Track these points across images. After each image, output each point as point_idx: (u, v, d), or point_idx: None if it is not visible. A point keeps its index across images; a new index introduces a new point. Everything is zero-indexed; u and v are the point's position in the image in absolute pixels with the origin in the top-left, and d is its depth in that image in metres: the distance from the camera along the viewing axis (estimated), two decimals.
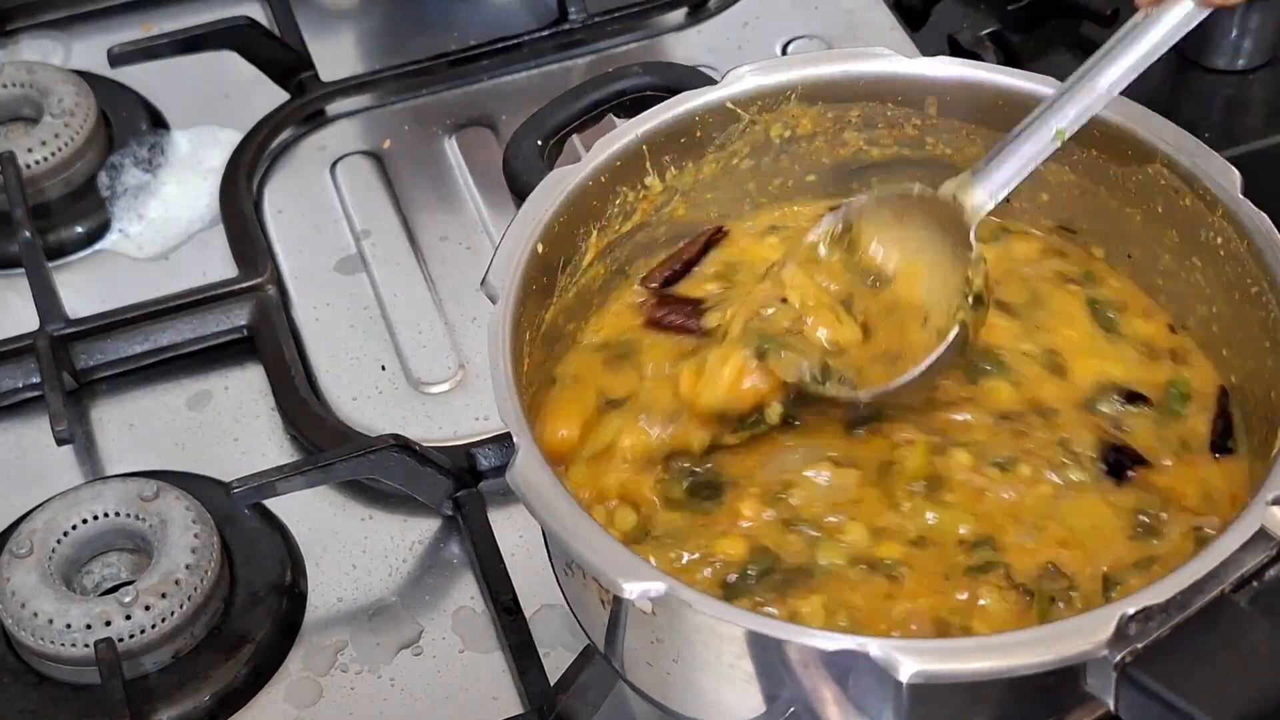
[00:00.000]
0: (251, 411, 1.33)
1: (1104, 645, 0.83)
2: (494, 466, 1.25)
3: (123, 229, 1.46)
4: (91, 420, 1.33)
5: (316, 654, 1.18)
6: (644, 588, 0.86)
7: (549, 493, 0.90)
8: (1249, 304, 1.00)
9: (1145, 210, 1.07)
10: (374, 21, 1.65)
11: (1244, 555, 0.85)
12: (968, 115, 1.10)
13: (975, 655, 0.84)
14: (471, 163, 1.49)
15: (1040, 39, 1.51)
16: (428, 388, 1.33)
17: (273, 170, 1.50)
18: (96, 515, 1.20)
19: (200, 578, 1.16)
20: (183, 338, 1.36)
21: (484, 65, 1.57)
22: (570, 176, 1.05)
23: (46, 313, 1.34)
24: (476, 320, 1.36)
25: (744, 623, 0.86)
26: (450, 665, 1.17)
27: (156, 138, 1.52)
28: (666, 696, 0.96)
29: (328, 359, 1.35)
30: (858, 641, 0.83)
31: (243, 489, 1.16)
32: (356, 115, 1.55)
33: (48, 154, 1.46)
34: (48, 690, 1.15)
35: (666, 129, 1.09)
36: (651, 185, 1.10)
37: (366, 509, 1.25)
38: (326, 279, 1.41)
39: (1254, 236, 0.99)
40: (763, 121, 1.11)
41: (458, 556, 1.23)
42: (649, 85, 1.15)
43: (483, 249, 1.41)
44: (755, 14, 1.60)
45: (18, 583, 1.15)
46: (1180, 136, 1.04)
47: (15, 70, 1.52)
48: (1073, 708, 0.90)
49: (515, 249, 1.01)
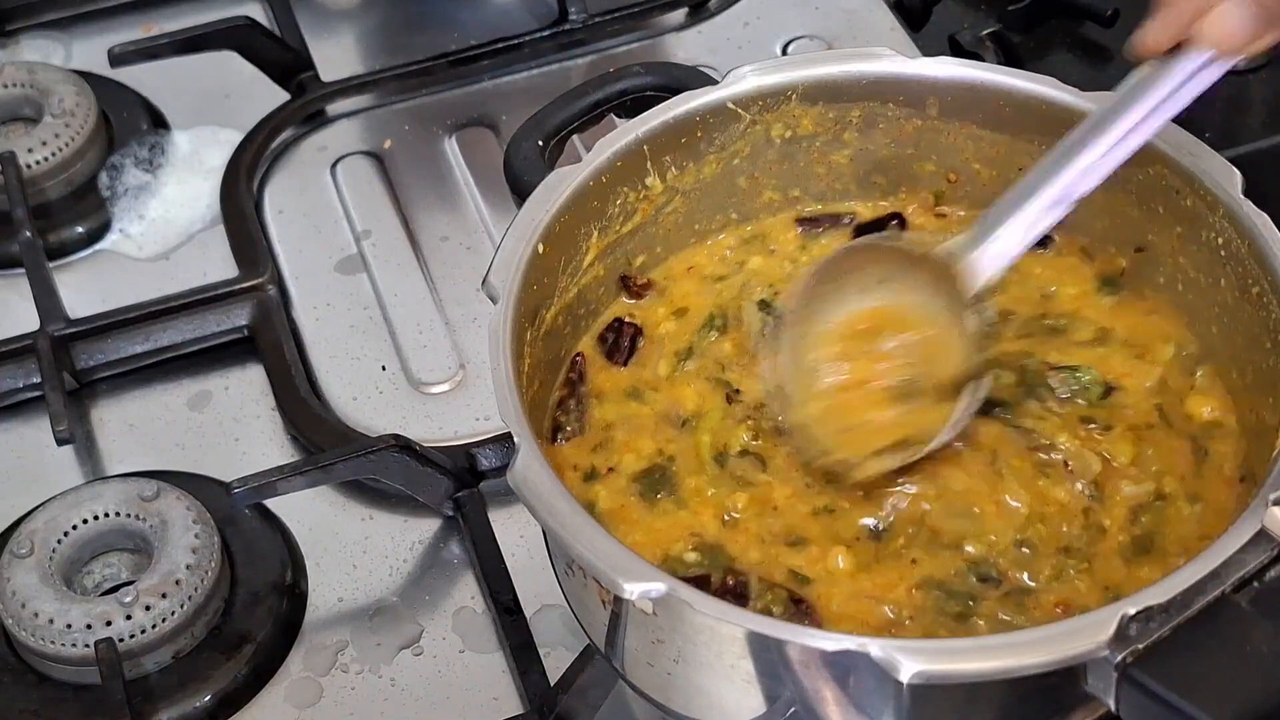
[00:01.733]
0: (252, 411, 1.33)
1: (1105, 645, 0.83)
2: (494, 467, 1.25)
3: (123, 229, 1.46)
4: (92, 420, 1.33)
5: (317, 654, 1.18)
6: (644, 588, 0.86)
7: (549, 493, 0.90)
8: (1250, 305, 1.00)
9: (1146, 210, 1.07)
10: (374, 21, 1.65)
11: (1245, 556, 0.85)
12: (969, 116, 1.10)
13: (976, 656, 0.84)
14: (472, 163, 1.49)
15: (1040, 39, 1.50)
16: (428, 388, 1.33)
17: (273, 170, 1.50)
18: (97, 515, 1.20)
19: (201, 578, 1.16)
20: (183, 338, 1.36)
21: (484, 65, 1.57)
22: (571, 177, 1.05)
23: (47, 313, 1.34)
24: (477, 320, 1.36)
25: (745, 623, 0.86)
26: (450, 665, 1.17)
27: (157, 138, 1.52)
28: (667, 697, 0.96)
29: (328, 359, 1.35)
30: (858, 642, 0.83)
31: (243, 489, 1.16)
32: (357, 115, 1.55)
33: (48, 154, 1.46)
34: (48, 690, 1.15)
35: (667, 129, 1.09)
36: (652, 185, 1.10)
37: (367, 509, 1.25)
38: (327, 279, 1.41)
39: (1255, 237, 0.98)
40: (764, 122, 1.11)
41: (458, 557, 1.23)
42: (650, 85, 1.15)
43: (483, 249, 1.41)
44: (755, 14, 1.60)
45: (18, 583, 1.15)
46: (1181, 137, 1.04)
47: (16, 70, 1.52)
48: (1074, 708, 0.90)
49: (516, 249, 1.01)
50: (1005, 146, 1.10)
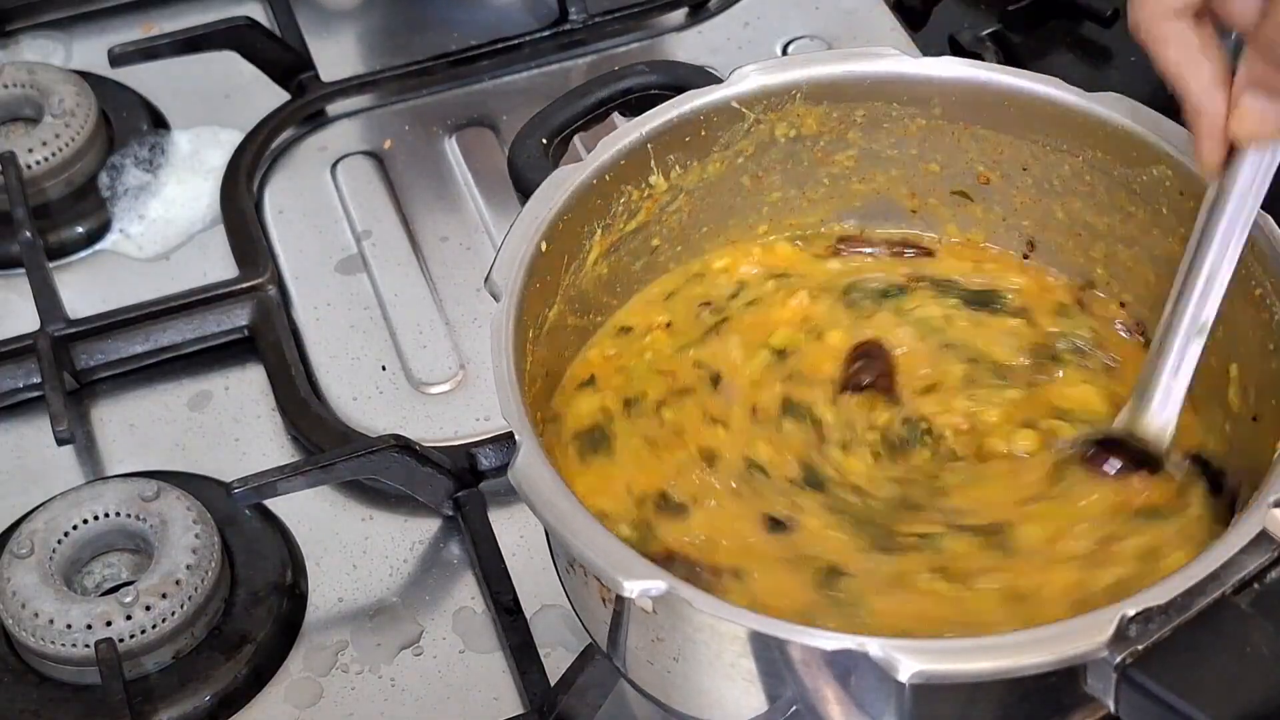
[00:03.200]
0: (252, 412, 1.33)
1: (1104, 646, 0.82)
2: (494, 467, 1.25)
3: (123, 229, 1.46)
4: (92, 420, 1.33)
5: (317, 654, 1.18)
6: (645, 586, 0.86)
7: (550, 491, 0.90)
8: (1252, 307, 0.99)
9: (1151, 211, 1.07)
10: (374, 21, 1.65)
11: (1245, 557, 0.85)
12: (973, 116, 1.10)
13: (975, 656, 0.84)
14: (472, 163, 1.49)
15: (1040, 39, 1.51)
16: (428, 388, 1.33)
17: (273, 170, 1.50)
18: (97, 515, 1.20)
19: (201, 578, 1.16)
20: (183, 338, 1.36)
21: (484, 65, 1.57)
22: (575, 175, 1.05)
23: (47, 313, 1.34)
24: (477, 320, 1.36)
25: (745, 622, 0.86)
26: (451, 665, 1.17)
27: (157, 138, 1.52)
28: (668, 695, 0.96)
29: (328, 359, 1.35)
30: (858, 641, 0.83)
31: (243, 489, 1.16)
32: (357, 115, 1.55)
33: (48, 154, 1.45)
34: (48, 690, 1.15)
35: (671, 128, 1.08)
36: (656, 184, 1.10)
37: (367, 509, 1.25)
38: (327, 279, 1.41)
39: (1257, 239, 0.98)
40: (768, 121, 1.11)
41: (458, 556, 1.23)
42: (654, 84, 1.14)
43: (483, 249, 1.41)
44: (755, 14, 1.60)
45: (18, 583, 1.15)
46: (1184, 138, 1.03)
47: (16, 70, 1.52)
48: (1073, 709, 0.90)
49: (519, 247, 1.01)
50: (1009, 148, 1.10)
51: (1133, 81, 1.03)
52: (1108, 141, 1.06)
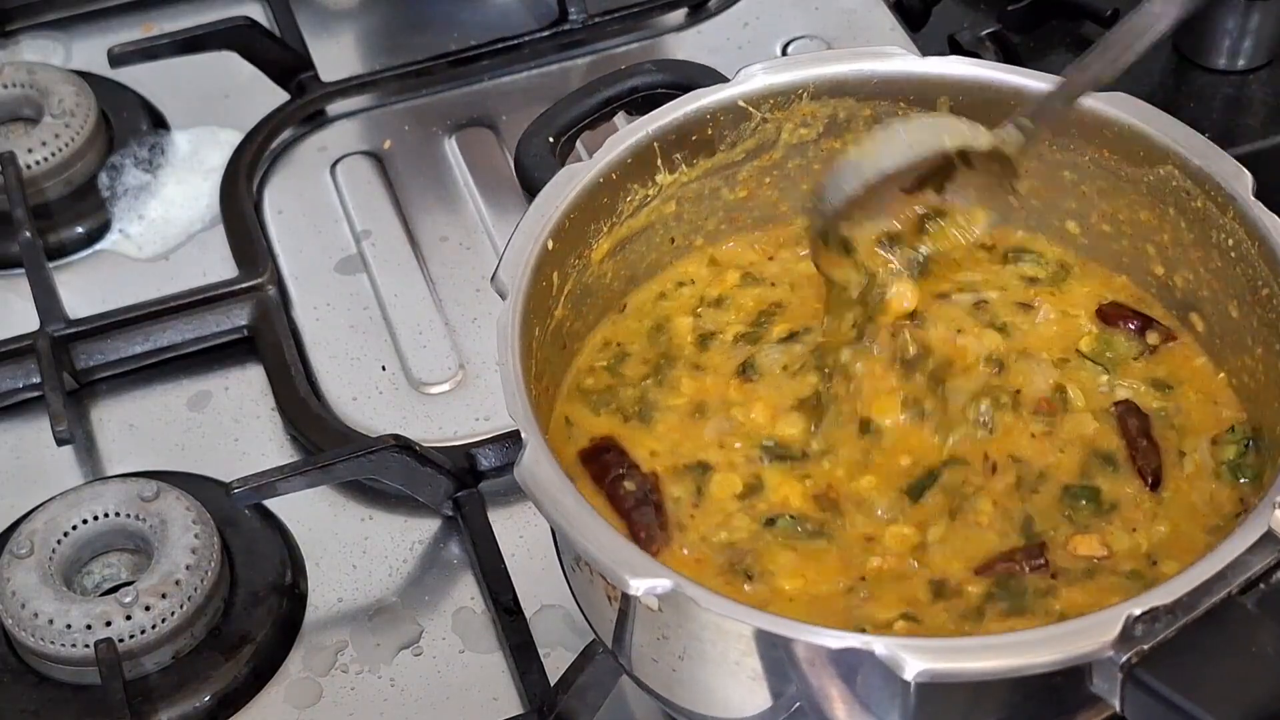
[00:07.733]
0: (251, 412, 1.32)
1: (1110, 646, 0.83)
2: (494, 467, 1.25)
3: (123, 229, 1.46)
4: (91, 420, 1.33)
5: (317, 654, 1.17)
6: (650, 584, 0.86)
7: (556, 489, 0.90)
8: (1259, 306, 1.00)
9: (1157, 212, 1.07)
10: (374, 21, 1.65)
11: (1251, 557, 0.85)
12: (979, 115, 1.10)
13: (981, 655, 0.84)
14: (471, 163, 1.49)
15: (1040, 39, 1.51)
16: (428, 388, 1.32)
17: (273, 170, 1.50)
18: (96, 515, 1.19)
19: (200, 578, 1.16)
20: (183, 338, 1.36)
21: (484, 65, 1.57)
22: (582, 173, 1.05)
23: (47, 313, 1.34)
24: (477, 320, 1.36)
25: (750, 620, 0.86)
26: (450, 665, 1.17)
27: (157, 138, 1.52)
28: (673, 693, 0.96)
29: (328, 359, 1.35)
30: (863, 640, 0.83)
31: (243, 489, 1.16)
32: (357, 115, 1.55)
33: (48, 154, 1.45)
34: (48, 690, 1.14)
35: (678, 126, 1.08)
36: (662, 182, 1.10)
37: (366, 509, 1.25)
38: (327, 279, 1.41)
39: (1265, 238, 0.98)
40: (774, 119, 1.11)
41: (458, 557, 1.22)
42: (661, 83, 1.15)
43: (483, 249, 1.41)
44: (755, 14, 1.60)
45: (18, 583, 1.15)
46: (1191, 138, 1.04)
47: (15, 70, 1.52)
48: (1079, 709, 0.90)
49: (526, 245, 1.01)
50: None
51: (1135, 81, 1.02)
52: (1115, 141, 1.06)
